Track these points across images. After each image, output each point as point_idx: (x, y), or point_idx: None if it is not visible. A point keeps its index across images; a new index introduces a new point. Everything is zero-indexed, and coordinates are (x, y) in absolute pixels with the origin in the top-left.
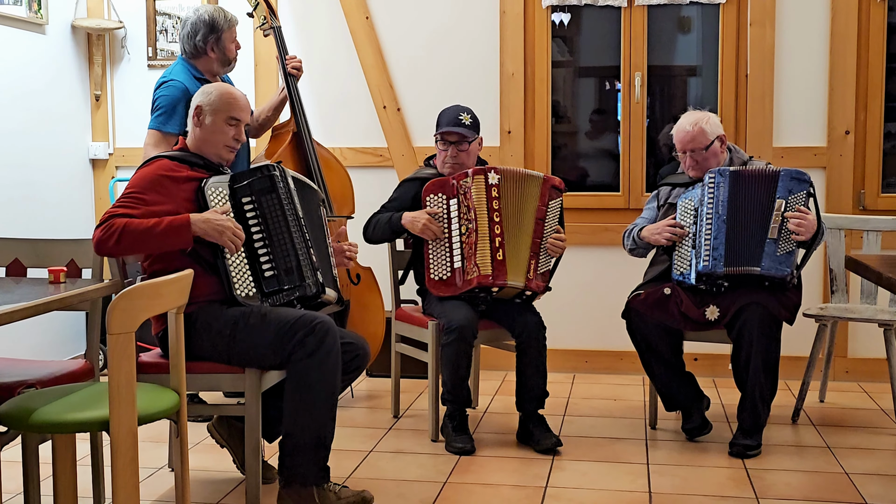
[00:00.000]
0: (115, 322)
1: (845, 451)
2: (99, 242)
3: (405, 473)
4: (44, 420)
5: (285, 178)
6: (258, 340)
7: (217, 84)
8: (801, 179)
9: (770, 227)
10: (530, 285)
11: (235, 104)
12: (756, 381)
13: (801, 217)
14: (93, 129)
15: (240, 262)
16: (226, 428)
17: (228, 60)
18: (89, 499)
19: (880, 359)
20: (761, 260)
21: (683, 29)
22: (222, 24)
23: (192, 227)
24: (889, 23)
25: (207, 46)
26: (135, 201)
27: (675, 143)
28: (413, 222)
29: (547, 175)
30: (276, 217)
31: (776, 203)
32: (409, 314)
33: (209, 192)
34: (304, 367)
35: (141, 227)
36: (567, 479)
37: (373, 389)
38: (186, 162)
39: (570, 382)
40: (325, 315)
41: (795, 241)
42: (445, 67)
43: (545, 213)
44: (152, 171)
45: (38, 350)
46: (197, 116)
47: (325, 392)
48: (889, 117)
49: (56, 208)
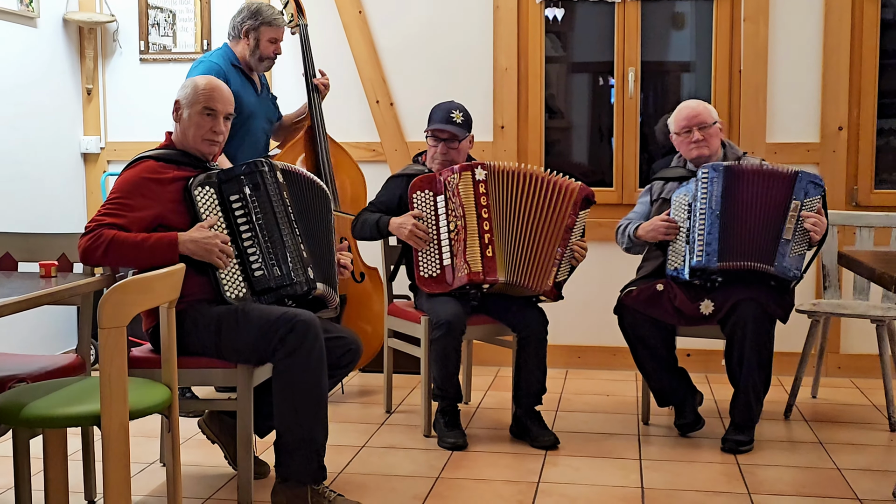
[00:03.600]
0: (107, 316)
1: (837, 447)
2: (86, 252)
3: (397, 468)
4: (35, 415)
5: (274, 172)
6: (241, 339)
7: (198, 77)
8: (817, 184)
9: (785, 227)
10: (549, 294)
11: (211, 95)
12: (749, 377)
13: (816, 218)
14: (84, 123)
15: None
16: (217, 423)
17: (261, 56)
18: (80, 493)
19: (872, 355)
20: (774, 259)
21: (677, 25)
22: (265, 17)
23: (179, 248)
24: (882, 19)
25: (243, 30)
26: (120, 207)
27: (680, 120)
28: (400, 228)
29: (584, 185)
30: (265, 214)
31: (792, 204)
32: (402, 309)
33: (196, 193)
34: (287, 366)
35: (129, 242)
36: (560, 474)
37: (365, 385)
38: (172, 161)
39: (562, 378)
40: (307, 312)
41: (808, 243)
42: (439, 62)
43: (574, 224)
44: (136, 174)
45: (28, 344)
46: (176, 111)
47: (311, 390)
48: (882, 114)
49: (47, 202)
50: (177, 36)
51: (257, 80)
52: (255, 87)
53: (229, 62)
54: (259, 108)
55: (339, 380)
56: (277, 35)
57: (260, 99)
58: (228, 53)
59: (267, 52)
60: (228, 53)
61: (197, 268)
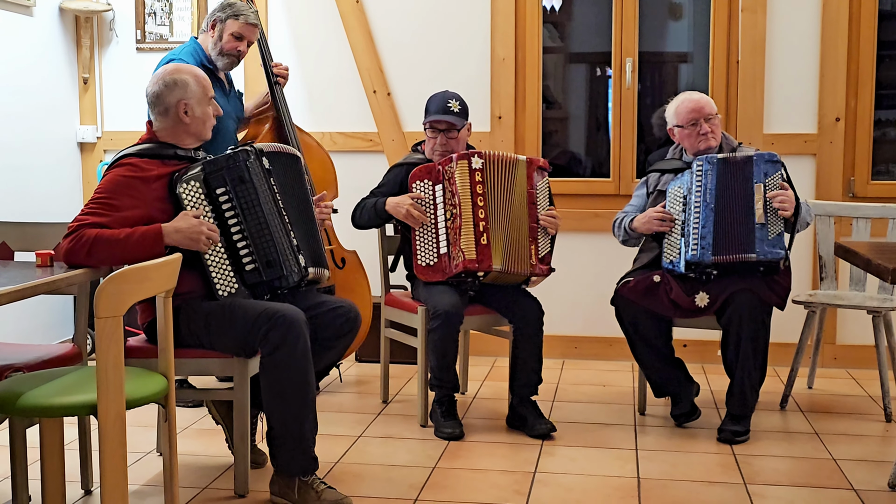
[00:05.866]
0: (103, 306)
1: (833, 438)
2: (68, 253)
3: (394, 458)
4: (31, 404)
5: (260, 159)
6: (229, 335)
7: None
8: (773, 161)
9: (755, 212)
10: (535, 270)
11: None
12: (745, 368)
13: (782, 194)
14: (81, 113)
15: (219, 259)
16: (224, 406)
17: (221, 50)
18: (77, 483)
19: (868, 345)
20: (755, 246)
21: (675, 15)
22: (234, 9)
23: (164, 239)
24: (880, 10)
25: (212, 21)
26: (104, 207)
27: (686, 113)
28: (397, 207)
29: (530, 157)
30: (253, 206)
31: (755, 187)
32: (399, 299)
33: (181, 189)
34: (271, 362)
35: (112, 239)
36: (556, 464)
37: (362, 375)
38: (156, 156)
39: (559, 368)
40: (290, 307)
41: (782, 222)
42: (436, 52)
43: (535, 197)
44: (121, 173)
45: (25, 334)
46: (182, 111)
47: (297, 385)
48: (879, 104)
49: (44, 192)
50: (173, 25)
51: (224, 78)
52: (224, 87)
53: (199, 61)
54: (228, 107)
55: (343, 350)
56: (243, 31)
57: (228, 99)
58: (197, 50)
59: (229, 47)
60: (197, 50)
61: (189, 264)
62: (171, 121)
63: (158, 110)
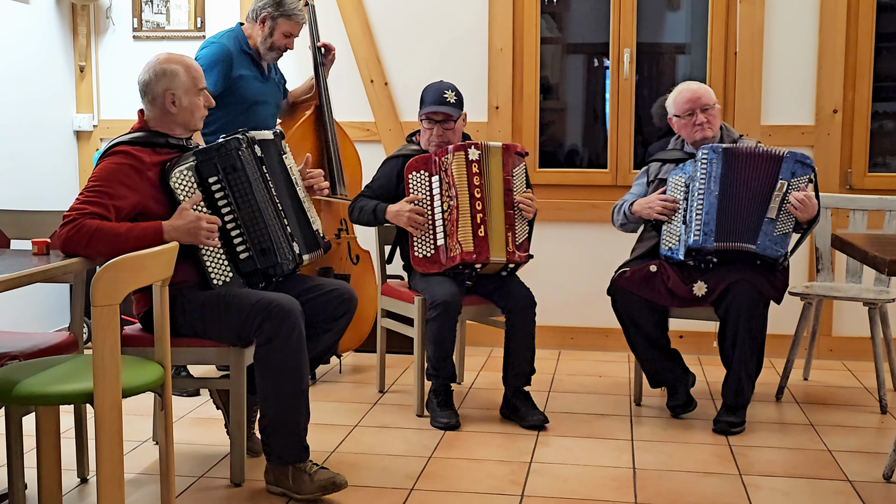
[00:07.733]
0: (100, 294)
1: (828, 429)
2: (66, 242)
3: (390, 448)
4: (27, 392)
5: (252, 147)
6: (224, 325)
7: (171, 61)
8: (805, 164)
9: (770, 206)
10: (512, 258)
11: (196, 74)
12: (742, 359)
13: (805, 199)
14: (77, 101)
15: (214, 249)
16: (227, 393)
17: (272, 45)
18: (73, 471)
19: (864, 337)
20: (757, 237)
21: (673, 6)
22: (286, 9)
23: (164, 236)
24: (879, 2)
25: (262, 15)
26: (100, 195)
27: (682, 103)
28: (398, 216)
29: (506, 143)
30: (245, 194)
31: (778, 184)
32: (396, 289)
33: (174, 180)
34: (266, 351)
35: (112, 233)
36: (552, 454)
37: (358, 364)
38: (149, 145)
39: (555, 359)
40: (285, 297)
41: (793, 223)
42: (433, 42)
43: (511, 183)
44: (115, 161)
45: (21, 322)
46: (169, 101)
47: (291, 374)
48: (877, 97)
49: (40, 180)
50: (170, 13)
51: (265, 64)
52: (262, 73)
53: (239, 46)
54: (266, 93)
55: (340, 332)
56: (294, 30)
57: (267, 85)
58: (240, 36)
59: (279, 42)
60: (240, 36)
61: (183, 254)
62: (158, 110)
63: (147, 99)
